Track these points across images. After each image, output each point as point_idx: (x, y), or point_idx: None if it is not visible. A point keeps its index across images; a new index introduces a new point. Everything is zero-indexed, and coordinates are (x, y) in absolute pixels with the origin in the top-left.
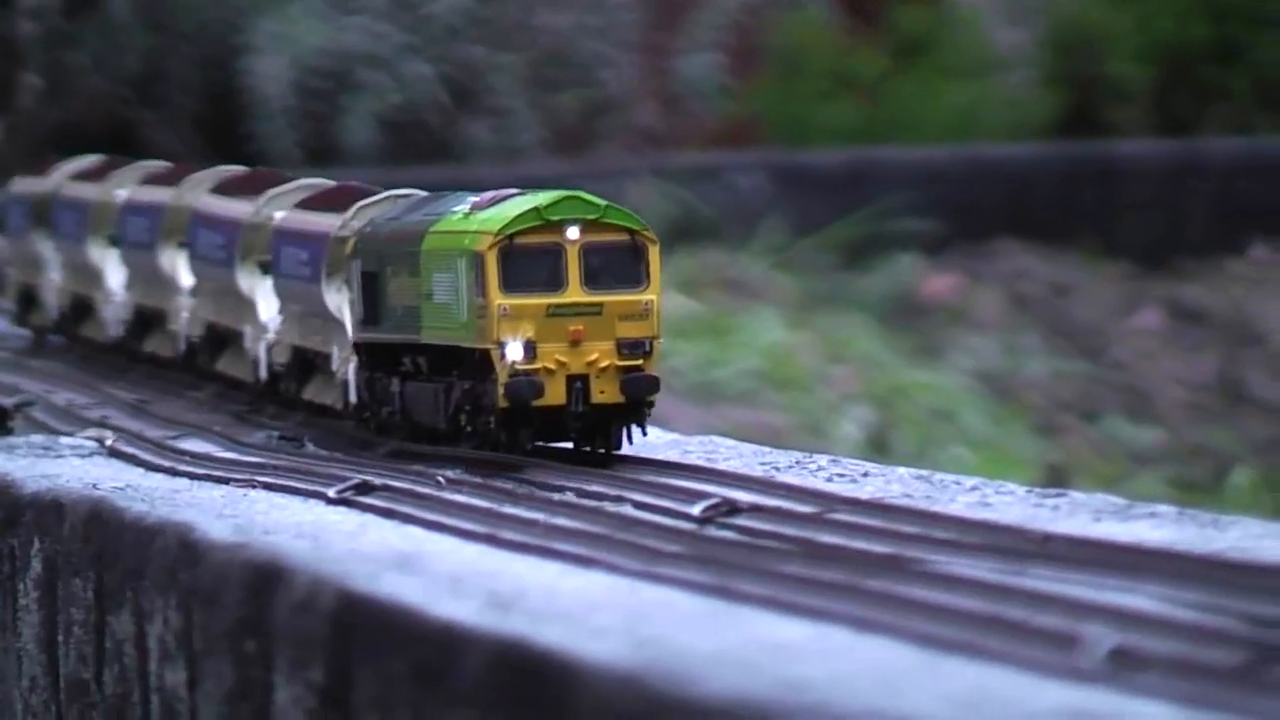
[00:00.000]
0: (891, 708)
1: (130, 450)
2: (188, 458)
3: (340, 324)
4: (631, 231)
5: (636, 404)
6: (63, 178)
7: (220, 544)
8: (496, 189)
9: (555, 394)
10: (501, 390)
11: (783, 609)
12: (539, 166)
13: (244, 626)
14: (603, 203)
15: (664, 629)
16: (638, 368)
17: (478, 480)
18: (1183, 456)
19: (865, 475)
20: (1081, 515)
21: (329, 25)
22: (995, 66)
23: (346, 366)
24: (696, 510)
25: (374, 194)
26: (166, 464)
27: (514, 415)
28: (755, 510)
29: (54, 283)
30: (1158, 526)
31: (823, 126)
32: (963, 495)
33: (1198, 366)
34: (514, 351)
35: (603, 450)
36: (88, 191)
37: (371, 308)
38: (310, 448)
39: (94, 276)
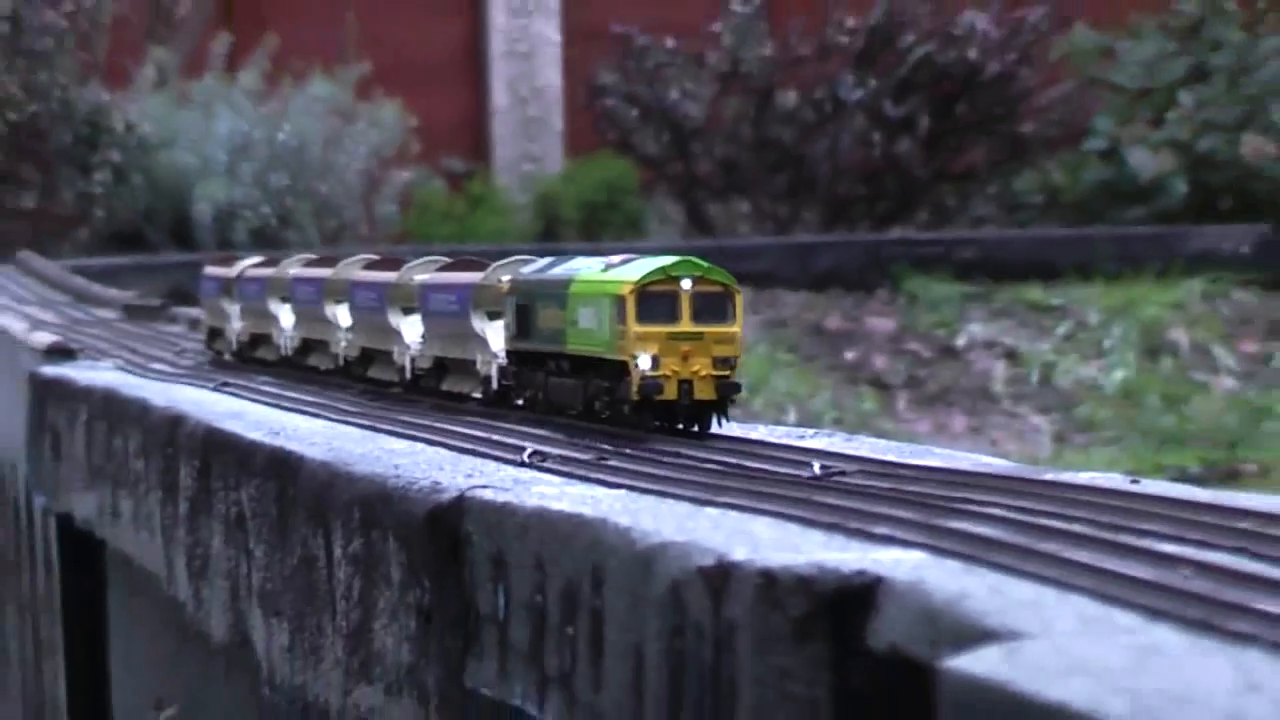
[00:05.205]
0: (435, 479)
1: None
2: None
3: (484, 340)
4: (725, 285)
5: (724, 400)
6: (245, 266)
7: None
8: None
9: (670, 392)
10: (635, 389)
11: (396, 435)
12: None
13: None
14: (706, 264)
15: (341, 443)
16: (726, 377)
17: (278, 388)
18: None
19: None
20: None
21: None
22: None
23: (489, 367)
24: (356, 391)
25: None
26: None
27: (642, 405)
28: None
29: (237, 327)
30: None
31: None
32: None
33: None
34: (644, 363)
35: (697, 429)
36: (264, 272)
37: (523, 328)
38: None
39: (271, 320)
